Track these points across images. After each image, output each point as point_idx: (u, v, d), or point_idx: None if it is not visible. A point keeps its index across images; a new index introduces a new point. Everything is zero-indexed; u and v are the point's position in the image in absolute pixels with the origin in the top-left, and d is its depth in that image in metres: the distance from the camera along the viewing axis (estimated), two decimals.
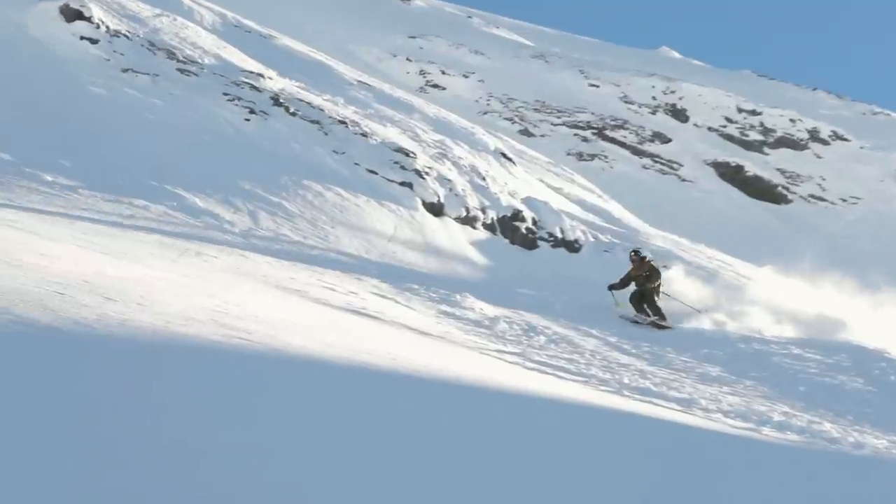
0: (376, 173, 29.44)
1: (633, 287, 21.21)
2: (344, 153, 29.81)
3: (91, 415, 4.66)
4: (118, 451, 4.35)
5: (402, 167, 29.97)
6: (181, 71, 30.59)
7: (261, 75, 32.91)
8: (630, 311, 20.93)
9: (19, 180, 19.51)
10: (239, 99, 30.36)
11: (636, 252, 21.52)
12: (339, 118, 31.96)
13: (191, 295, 10.58)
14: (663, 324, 20.08)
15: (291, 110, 31.26)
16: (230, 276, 15.65)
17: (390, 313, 16.24)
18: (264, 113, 30.27)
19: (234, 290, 13.24)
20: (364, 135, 31.36)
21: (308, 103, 32.26)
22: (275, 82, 33.13)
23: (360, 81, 40.91)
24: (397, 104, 39.35)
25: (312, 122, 31.08)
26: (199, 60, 31.80)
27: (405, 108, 39.22)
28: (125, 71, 28.84)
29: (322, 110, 32.06)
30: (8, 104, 24.01)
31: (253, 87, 31.44)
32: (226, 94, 30.37)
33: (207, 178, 24.11)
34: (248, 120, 29.42)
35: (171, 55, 31.17)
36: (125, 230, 18.18)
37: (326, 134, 30.64)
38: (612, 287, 21.25)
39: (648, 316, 20.28)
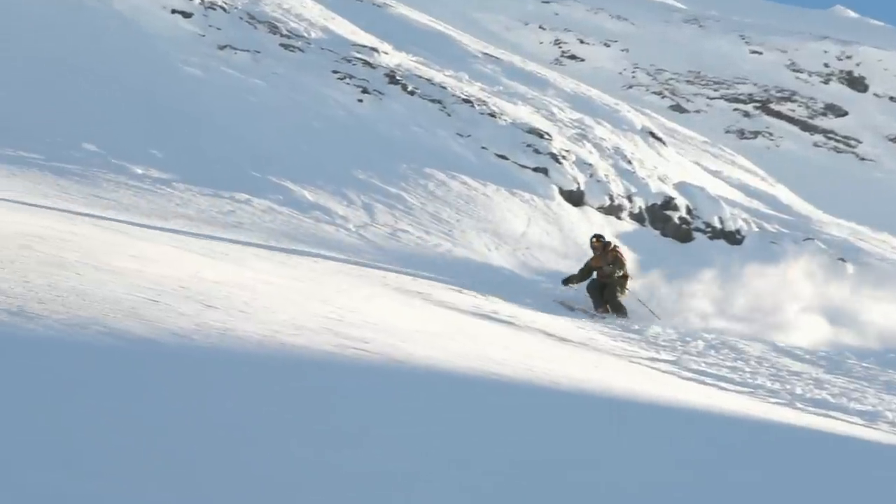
0: (506, 158, 29.36)
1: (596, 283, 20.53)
2: (469, 136, 29.81)
3: (191, 436, 4.64)
4: (225, 475, 4.32)
5: (536, 151, 29.82)
6: (285, 47, 31.03)
7: (374, 50, 33.16)
8: (574, 294, 19.96)
9: (106, 173, 20.01)
10: (350, 77, 30.64)
11: (598, 238, 20.36)
12: (463, 96, 31.97)
13: (301, 300, 10.62)
14: (618, 315, 19.14)
15: (409, 88, 31.40)
16: (344, 279, 15.74)
17: (525, 317, 16.14)
18: (379, 92, 30.49)
19: (349, 294, 13.28)
20: (492, 115, 31.30)
21: (428, 80, 32.37)
22: (390, 57, 33.34)
23: (486, 54, 40.90)
24: (529, 79, 39.22)
25: (433, 101, 31.17)
26: (305, 34, 32.20)
27: (538, 84, 39.06)
28: (222, 48, 29.38)
29: (444, 88, 32.12)
30: (92, 89, 24.68)
31: (366, 64, 31.69)
32: (336, 72, 30.68)
33: (317, 167, 24.36)
34: (360, 101, 29.68)
35: (273, 29, 31.63)
36: (226, 228, 18.47)
37: (449, 115, 30.69)
38: (567, 281, 20.07)
39: (607, 312, 19.23)
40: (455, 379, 8.14)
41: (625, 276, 19.92)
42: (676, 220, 30.38)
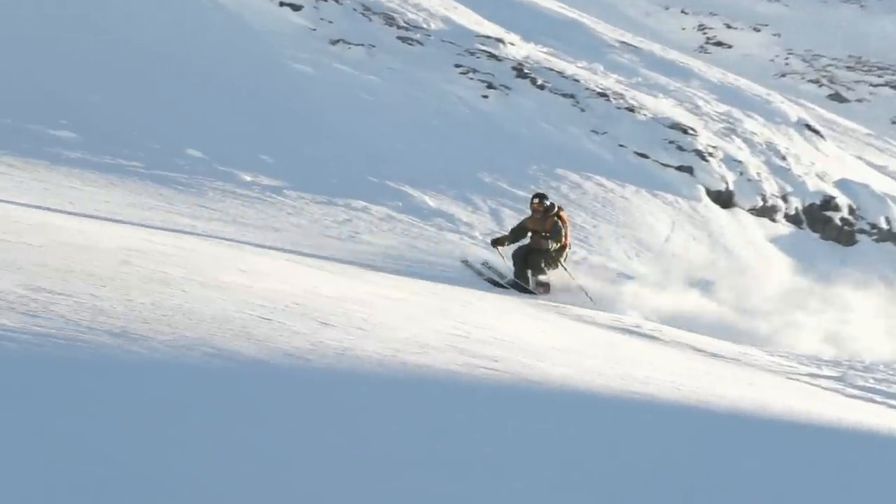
0: (647, 157, 29.10)
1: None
2: (605, 133, 29.63)
3: (308, 465, 4.64)
4: None
5: (680, 147, 29.50)
6: (402, 39, 31.22)
7: (500, 41, 33.17)
8: (501, 266, 18.60)
9: (212, 181, 20.33)
10: (474, 71, 30.69)
11: (540, 198, 18.29)
12: (598, 90, 31.79)
13: (422, 316, 10.62)
14: (531, 289, 17.57)
15: (539, 82, 31.32)
16: (469, 292, 15.72)
17: (669, 331, 15.96)
18: (505, 87, 30.48)
19: (475, 307, 13.25)
20: (630, 109, 31.06)
21: (559, 73, 32.26)
22: (517, 48, 33.32)
23: (623, 42, 40.64)
24: (671, 69, 38.85)
25: (565, 95, 31.05)
26: (425, 25, 32.36)
27: (681, 74, 38.67)
28: (335, 42, 29.68)
29: (577, 81, 31.98)
30: (196, 90, 25.12)
31: (491, 56, 31.71)
32: (458, 66, 30.76)
33: (438, 170, 24.43)
34: (485, 97, 29.70)
35: (389, 20, 31.85)
36: (342, 240, 18.61)
37: (583, 110, 30.54)
38: (497, 242, 18.38)
39: (545, 290, 17.74)
40: (594, 400, 8.04)
41: (563, 248, 18.18)
42: (838, 222, 29.77)
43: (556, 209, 18.18)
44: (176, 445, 4.48)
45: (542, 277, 18.24)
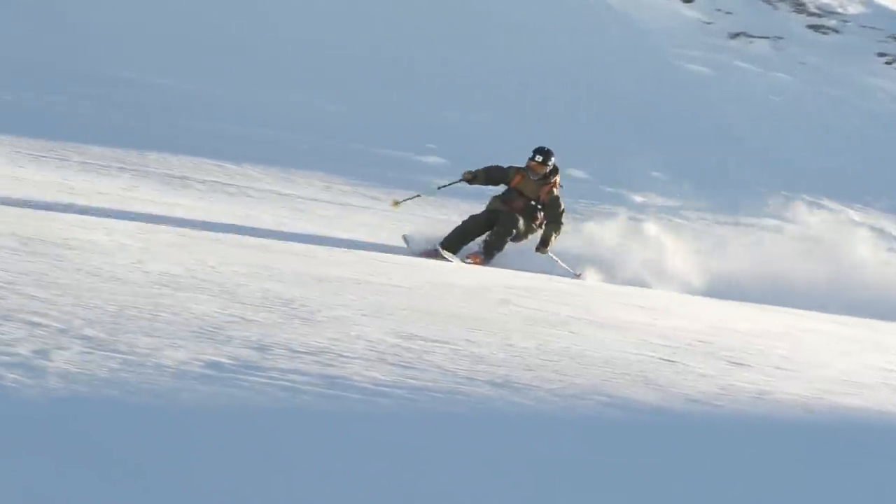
0: None
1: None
2: None
3: None
4: None
5: None
6: (814, 28, 30.56)
7: None
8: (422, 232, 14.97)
9: (598, 204, 20.44)
10: None
11: (544, 155, 15.31)
12: None
13: (854, 350, 10.30)
14: (448, 257, 13.90)
15: None
16: None
17: None
18: None
19: None
20: None
21: None
22: None
23: None
24: None
25: None
26: (840, 10, 31.54)
27: None
28: (734, 36, 29.37)
29: None
30: (580, 105, 25.42)
31: None
32: (882, 55, 29.80)
33: (862, 178, 23.70)
34: None
35: (798, 7, 31.24)
36: (752, 265, 18.30)
37: None
38: (471, 177, 15.51)
39: (477, 261, 14.24)
40: None
41: (550, 230, 15.26)
42: None
43: (556, 178, 15.34)
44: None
45: (501, 247, 15.13)
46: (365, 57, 30.17)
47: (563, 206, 15.29)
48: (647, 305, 10.70)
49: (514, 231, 14.93)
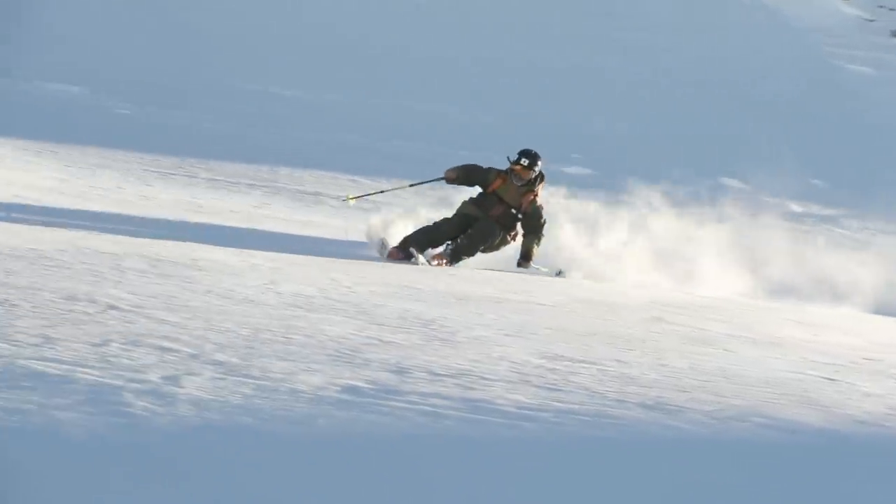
0: None
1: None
2: None
3: None
4: None
5: None
6: None
7: None
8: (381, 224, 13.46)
9: (750, 213, 20.17)
10: None
11: (530, 160, 14.15)
12: None
13: None
14: (419, 257, 12.47)
15: None
16: None
17: None
18: None
19: None
20: None
21: None
22: None
23: None
24: None
25: None
26: None
27: None
28: None
29: None
30: (732, 109, 25.15)
31: None
32: None
33: None
34: None
35: None
36: None
37: None
38: (453, 176, 14.40)
39: (443, 261, 12.71)
40: None
41: (538, 237, 14.20)
42: None
43: (542, 183, 14.29)
44: None
45: (470, 255, 14.15)
46: (505, 65, 30.26)
47: (545, 218, 14.15)
48: (804, 321, 10.55)
49: (490, 241, 13.95)
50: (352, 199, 15.72)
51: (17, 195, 13.89)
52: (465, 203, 14.16)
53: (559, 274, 13.84)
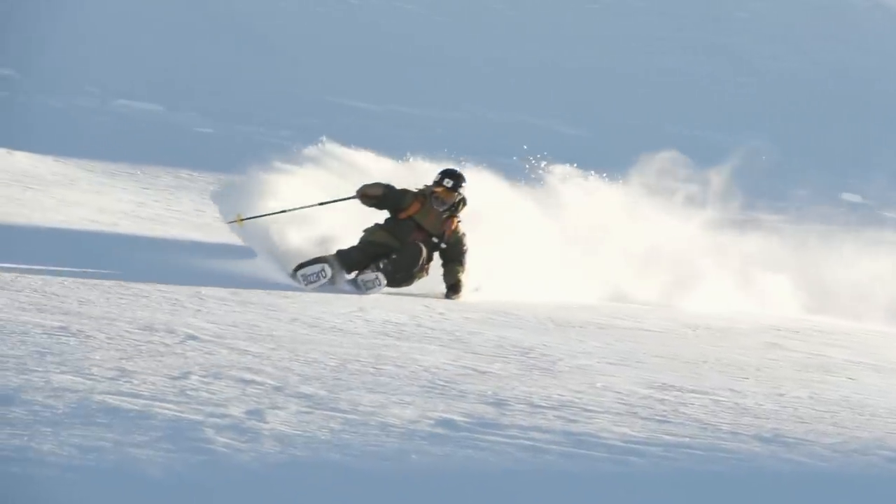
0: None
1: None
2: None
3: None
4: None
5: None
6: None
7: None
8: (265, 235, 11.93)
9: (867, 229, 19.95)
10: None
11: (454, 180, 12.91)
12: None
13: None
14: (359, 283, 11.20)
15: None
16: None
17: None
18: None
19: None
20: None
21: None
22: None
23: None
24: None
25: None
26: None
27: None
28: None
29: None
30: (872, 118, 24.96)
31: None
32: None
33: None
34: None
35: None
36: None
37: None
38: (370, 197, 12.83)
39: (372, 279, 11.32)
40: None
41: (462, 265, 12.95)
42: None
43: (464, 207, 13.13)
44: None
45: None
46: (606, 75, 30.25)
47: (467, 247, 12.94)
48: None
49: (420, 263, 12.62)
50: (241, 220, 13.24)
51: (92, 219, 14.05)
52: (372, 230, 12.82)
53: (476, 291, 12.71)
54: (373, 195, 12.65)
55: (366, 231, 12.69)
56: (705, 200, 18.28)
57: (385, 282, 12.16)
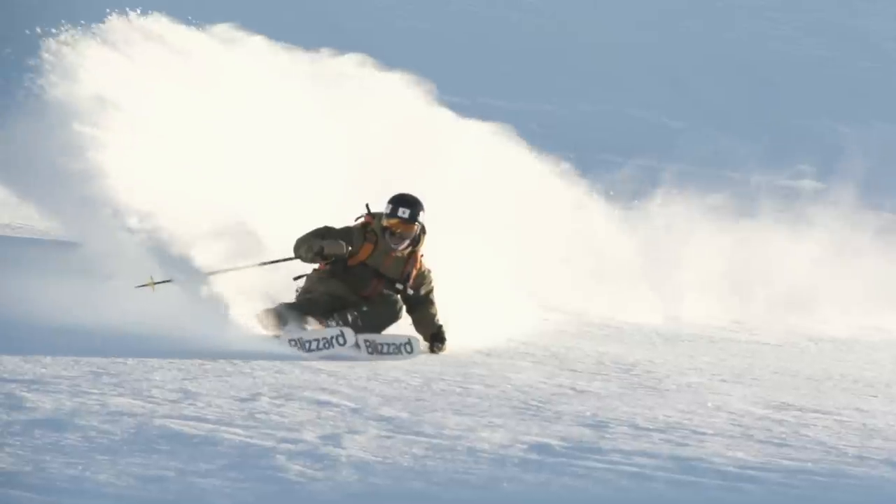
0: None
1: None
2: None
3: None
4: None
5: None
6: None
7: None
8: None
9: None
10: None
11: (411, 207, 11.19)
12: None
13: None
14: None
15: None
16: None
17: None
18: None
19: None
20: None
21: None
22: None
23: None
24: None
25: None
26: None
27: None
28: None
29: None
30: None
31: None
32: None
33: None
34: None
35: None
36: None
37: None
38: (311, 254, 10.94)
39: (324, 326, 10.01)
40: None
41: (433, 304, 11.30)
42: None
43: (424, 238, 11.57)
44: None
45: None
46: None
47: (433, 283, 11.40)
48: None
49: (399, 314, 10.93)
50: (153, 284, 12.02)
51: None
52: (322, 279, 11.21)
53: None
54: (309, 252, 10.98)
55: (310, 280, 11.17)
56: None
57: (352, 339, 9.78)
